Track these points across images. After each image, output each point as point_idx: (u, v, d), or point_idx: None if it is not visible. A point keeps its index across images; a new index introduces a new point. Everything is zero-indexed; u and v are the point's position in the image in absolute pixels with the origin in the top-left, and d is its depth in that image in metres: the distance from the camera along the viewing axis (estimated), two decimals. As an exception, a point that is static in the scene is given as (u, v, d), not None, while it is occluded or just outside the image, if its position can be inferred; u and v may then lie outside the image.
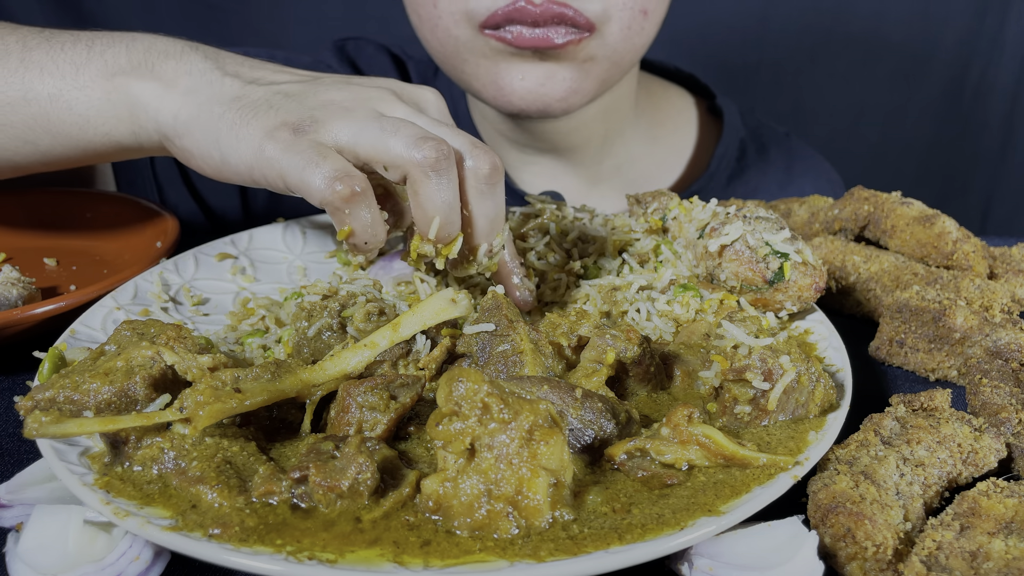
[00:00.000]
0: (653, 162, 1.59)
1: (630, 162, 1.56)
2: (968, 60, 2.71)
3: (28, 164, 1.03)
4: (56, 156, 1.01)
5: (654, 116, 1.59)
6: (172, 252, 1.13)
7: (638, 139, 1.57)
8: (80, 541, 0.64)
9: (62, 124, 0.97)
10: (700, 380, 0.83)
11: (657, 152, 1.59)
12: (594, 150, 1.51)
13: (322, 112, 0.87)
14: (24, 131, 0.98)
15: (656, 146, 1.59)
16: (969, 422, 0.80)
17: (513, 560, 0.61)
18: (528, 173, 1.52)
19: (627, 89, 1.49)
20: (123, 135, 0.97)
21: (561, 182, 1.52)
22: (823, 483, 0.70)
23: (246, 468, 0.70)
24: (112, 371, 0.75)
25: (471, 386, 0.65)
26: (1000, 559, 0.63)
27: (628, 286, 1.02)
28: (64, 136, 0.98)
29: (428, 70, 1.59)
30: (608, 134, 1.50)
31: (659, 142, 1.60)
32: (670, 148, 1.61)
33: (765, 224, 0.96)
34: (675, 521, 0.65)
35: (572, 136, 1.46)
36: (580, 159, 1.51)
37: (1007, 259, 1.12)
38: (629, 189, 1.54)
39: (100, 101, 0.95)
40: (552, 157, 1.50)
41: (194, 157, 0.93)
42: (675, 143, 1.62)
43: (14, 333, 0.93)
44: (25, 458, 0.80)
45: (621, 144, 1.54)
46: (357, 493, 0.65)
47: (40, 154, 1.00)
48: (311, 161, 0.82)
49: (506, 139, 1.49)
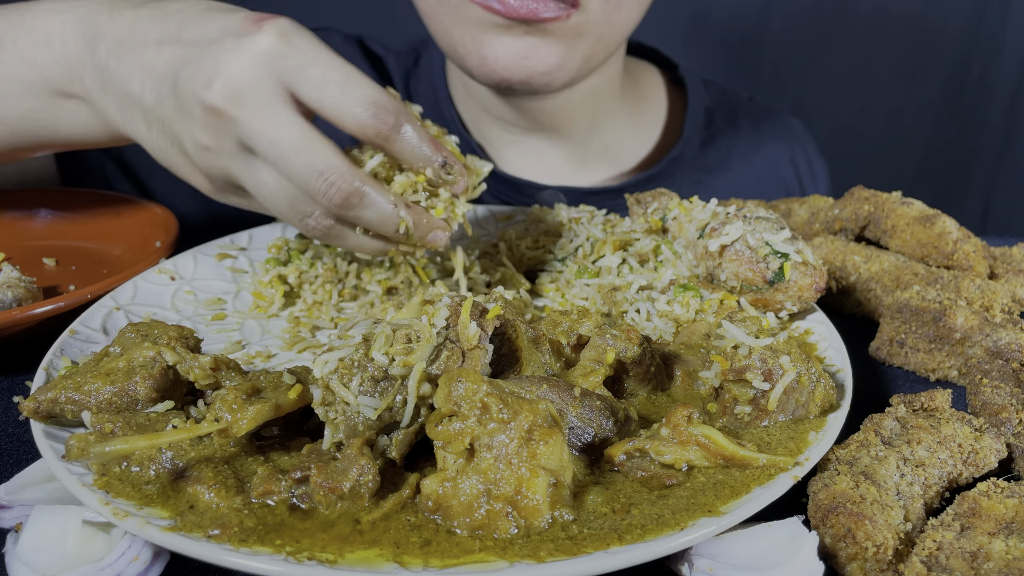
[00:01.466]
0: (637, 140, 1.61)
1: (617, 141, 1.58)
2: (968, 59, 2.71)
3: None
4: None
5: (636, 93, 1.61)
6: (172, 252, 1.13)
7: (624, 119, 1.58)
8: (79, 541, 0.64)
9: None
10: (700, 380, 0.83)
11: (640, 129, 1.62)
12: (582, 131, 1.52)
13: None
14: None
15: (639, 123, 1.62)
16: (969, 422, 0.80)
17: (513, 560, 0.61)
18: (513, 152, 1.52)
19: (614, 71, 1.50)
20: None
21: (547, 162, 1.52)
22: (823, 483, 0.70)
23: (244, 468, 0.70)
24: (113, 371, 0.75)
25: (470, 386, 0.65)
26: (1000, 559, 0.63)
27: (628, 286, 1.02)
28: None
29: (409, 60, 1.59)
30: (596, 115, 1.52)
31: (641, 119, 1.62)
32: (650, 124, 1.64)
33: (765, 224, 0.96)
34: (675, 522, 0.65)
35: (558, 116, 1.46)
36: (567, 139, 1.52)
37: (1007, 259, 1.12)
38: (615, 168, 1.57)
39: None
40: (538, 137, 1.51)
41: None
42: (653, 118, 1.65)
43: (14, 333, 0.93)
44: (24, 459, 0.79)
45: (610, 124, 1.55)
46: (358, 495, 0.65)
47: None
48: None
49: (492, 117, 1.49)
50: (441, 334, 0.73)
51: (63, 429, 0.75)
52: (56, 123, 1.04)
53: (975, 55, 2.70)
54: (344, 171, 0.86)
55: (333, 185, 0.86)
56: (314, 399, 0.71)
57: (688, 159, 1.57)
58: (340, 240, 0.94)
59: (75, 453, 0.69)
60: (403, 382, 0.70)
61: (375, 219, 0.91)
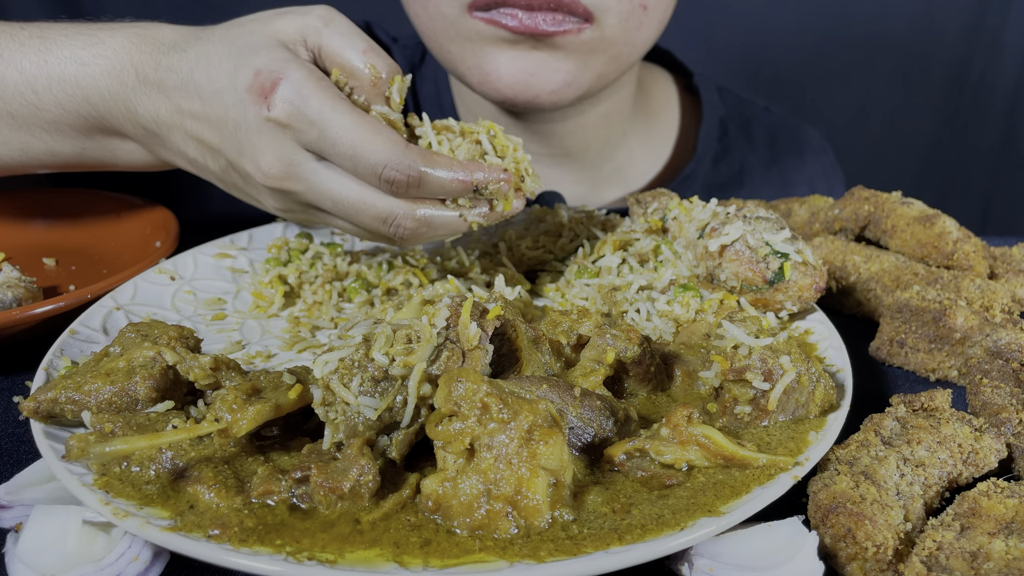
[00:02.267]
0: (649, 158, 1.56)
1: (629, 163, 1.53)
2: (968, 59, 2.71)
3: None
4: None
5: (648, 107, 1.55)
6: (172, 252, 1.13)
7: (637, 138, 1.53)
8: (79, 541, 0.64)
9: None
10: (700, 380, 0.83)
11: (652, 147, 1.56)
12: (595, 155, 1.47)
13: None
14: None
15: (651, 141, 1.56)
16: (969, 422, 0.80)
17: (513, 560, 0.61)
18: None
19: (628, 92, 1.44)
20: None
21: (558, 187, 1.47)
22: (823, 483, 0.70)
23: (244, 468, 0.70)
24: (113, 371, 0.75)
25: (470, 386, 0.65)
26: (1000, 559, 0.63)
27: (628, 286, 1.02)
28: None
29: (415, 55, 1.53)
30: (610, 138, 1.46)
31: (653, 136, 1.56)
32: (662, 137, 1.58)
33: (765, 224, 0.96)
34: (675, 521, 0.65)
35: (569, 140, 1.41)
36: (579, 164, 1.47)
37: (1007, 259, 1.12)
38: (626, 189, 1.51)
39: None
40: (548, 161, 1.45)
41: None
42: (664, 130, 1.58)
43: (14, 333, 0.93)
44: (24, 458, 0.79)
45: (623, 147, 1.50)
46: (358, 495, 0.65)
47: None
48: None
49: None
50: (441, 334, 0.73)
51: (63, 429, 0.75)
52: (114, 160, 1.06)
53: (975, 55, 2.70)
54: (405, 210, 0.90)
55: (400, 226, 0.91)
56: (314, 399, 0.71)
57: (700, 176, 1.51)
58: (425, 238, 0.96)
59: (75, 453, 0.69)
60: (403, 382, 0.70)
61: (448, 232, 0.94)
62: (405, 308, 0.82)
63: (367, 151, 0.86)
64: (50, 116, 1.00)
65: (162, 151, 1.01)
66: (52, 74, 0.98)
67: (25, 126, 1.02)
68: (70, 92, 0.98)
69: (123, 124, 0.99)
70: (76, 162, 1.07)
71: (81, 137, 1.03)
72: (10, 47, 1.00)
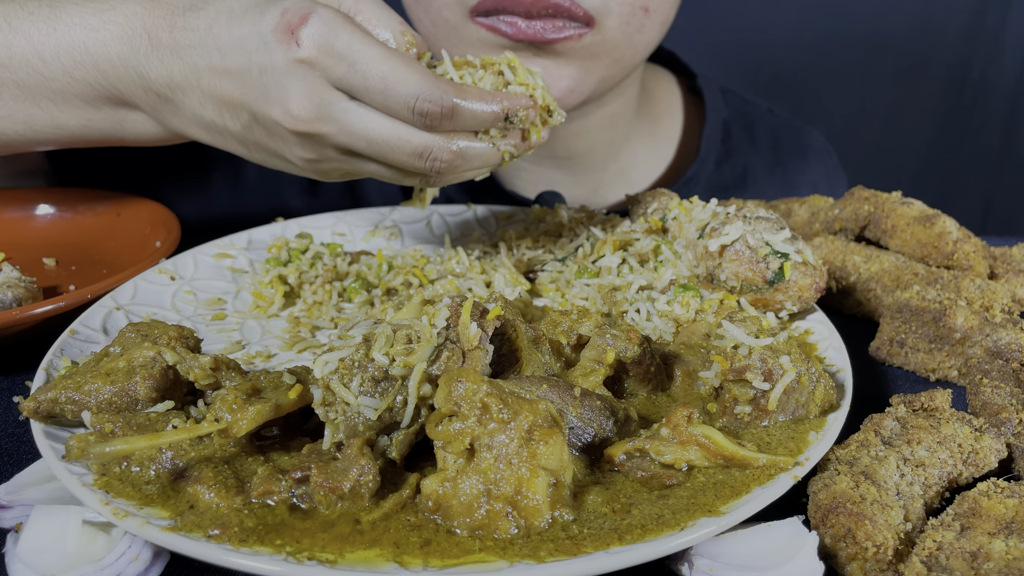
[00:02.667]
0: (652, 160, 1.55)
1: (632, 165, 1.52)
2: (968, 60, 2.71)
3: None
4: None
5: (652, 109, 1.55)
6: (172, 252, 1.13)
7: (641, 140, 1.52)
8: (79, 542, 0.64)
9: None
10: (700, 380, 0.83)
11: (655, 149, 1.56)
12: (599, 159, 1.46)
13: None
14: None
15: (654, 143, 1.55)
16: (969, 422, 0.80)
17: (513, 560, 0.61)
18: (524, 180, 1.47)
19: (631, 94, 1.43)
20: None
21: (561, 189, 1.46)
22: (823, 483, 0.70)
23: (244, 468, 0.70)
24: (113, 371, 0.75)
25: (470, 386, 0.65)
26: (1000, 559, 0.63)
27: (628, 286, 1.02)
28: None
29: (421, 48, 1.54)
30: (614, 141, 1.46)
31: (656, 138, 1.56)
32: (665, 139, 1.57)
33: (765, 224, 0.96)
34: (675, 522, 0.65)
35: (572, 143, 1.40)
36: (583, 166, 1.46)
37: (1007, 259, 1.12)
38: (628, 190, 1.50)
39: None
40: (551, 165, 1.45)
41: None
42: (668, 132, 1.58)
43: (14, 333, 0.93)
44: (24, 458, 0.79)
45: (626, 149, 1.49)
46: (358, 495, 0.65)
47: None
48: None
49: None
50: (441, 334, 0.73)
51: (63, 429, 0.75)
52: (121, 133, 1.04)
53: (975, 56, 2.70)
54: (441, 143, 0.89)
55: (437, 159, 0.90)
56: (314, 399, 0.71)
57: (703, 178, 1.50)
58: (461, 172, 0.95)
59: (75, 453, 0.69)
60: (403, 382, 0.70)
61: (481, 163, 0.93)
62: (405, 308, 0.82)
63: (398, 82, 0.85)
64: (57, 85, 0.98)
65: (173, 120, 0.98)
66: (61, 41, 0.96)
67: (31, 96, 1.00)
68: (79, 59, 0.96)
69: (133, 92, 0.97)
70: (80, 136, 1.05)
71: (88, 108, 1.01)
72: (19, 15, 0.98)
